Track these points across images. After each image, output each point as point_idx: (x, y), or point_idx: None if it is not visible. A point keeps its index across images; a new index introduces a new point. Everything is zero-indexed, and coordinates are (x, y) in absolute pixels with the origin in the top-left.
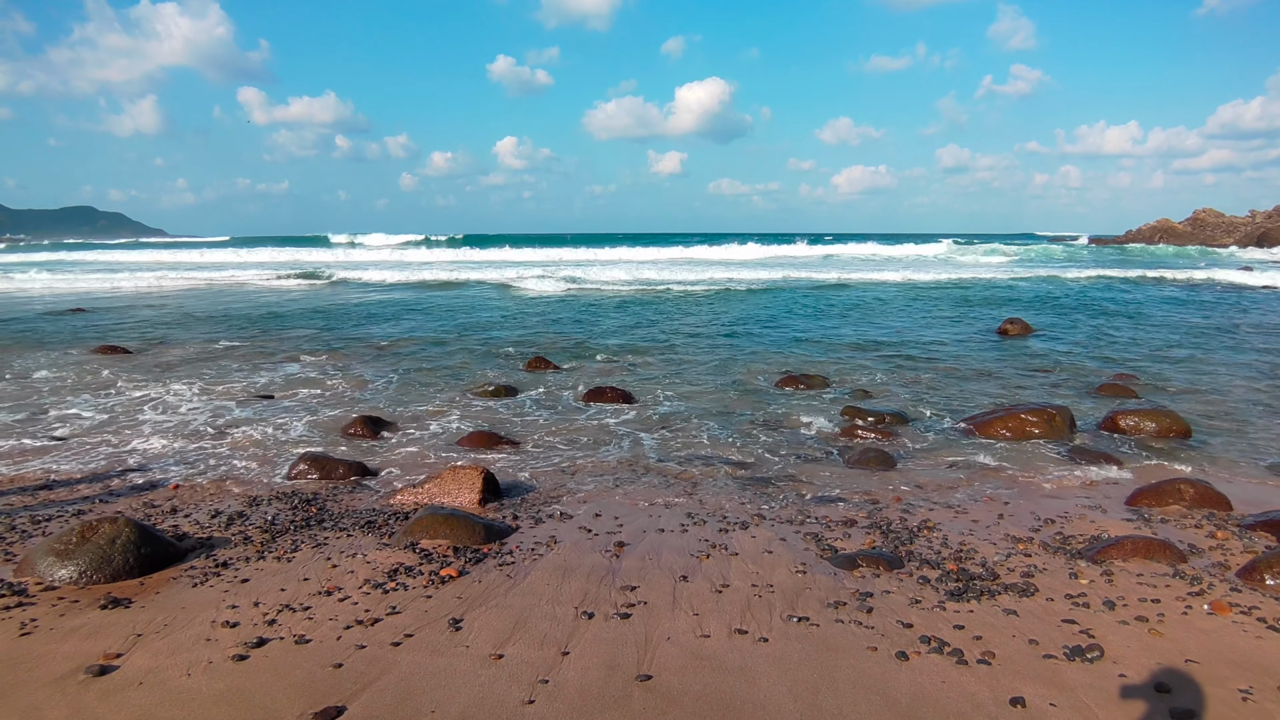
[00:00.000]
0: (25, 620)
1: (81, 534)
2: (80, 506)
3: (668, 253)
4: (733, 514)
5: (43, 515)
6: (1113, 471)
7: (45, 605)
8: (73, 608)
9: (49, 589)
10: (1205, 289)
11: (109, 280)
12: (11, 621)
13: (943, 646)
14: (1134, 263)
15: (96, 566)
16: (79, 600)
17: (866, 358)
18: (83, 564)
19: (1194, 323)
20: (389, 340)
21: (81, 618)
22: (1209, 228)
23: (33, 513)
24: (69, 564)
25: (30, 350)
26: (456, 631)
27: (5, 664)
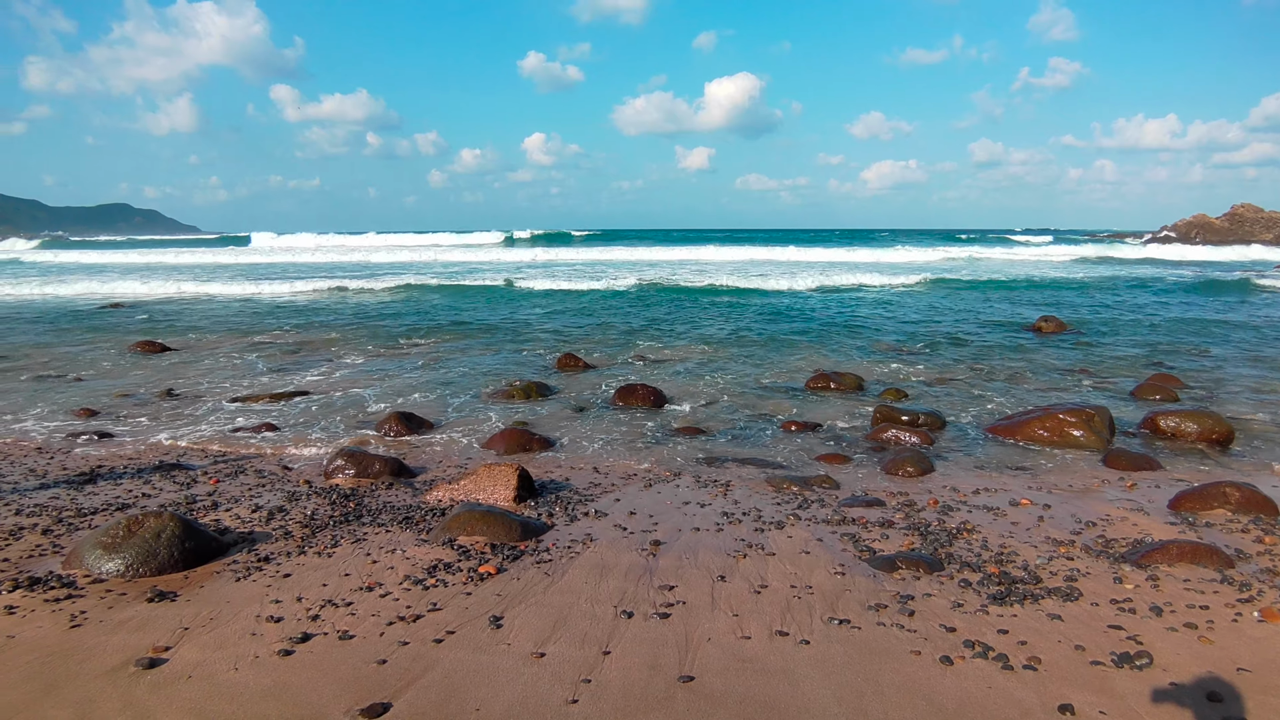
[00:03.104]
0: (75, 612)
1: (128, 528)
2: (124, 500)
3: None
4: (768, 514)
5: (88, 508)
6: (1154, 474)
7: (94, 598)
8: (120, 600)
9: (97, 581)
10: (1253, 292)
11: (192, 285)
12: (62, 613)
13: (987, 651)
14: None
15: (143, 560)
16: (126, 593)
17: (900, 357)
18: (129, 557)
19: (1235, 321)
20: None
21: (129, 610)
22: (1247, 223)
23: (79, 505)
24: (116, 557)
25: (79, 344)
26: (497, 629)
27: (58, 655)
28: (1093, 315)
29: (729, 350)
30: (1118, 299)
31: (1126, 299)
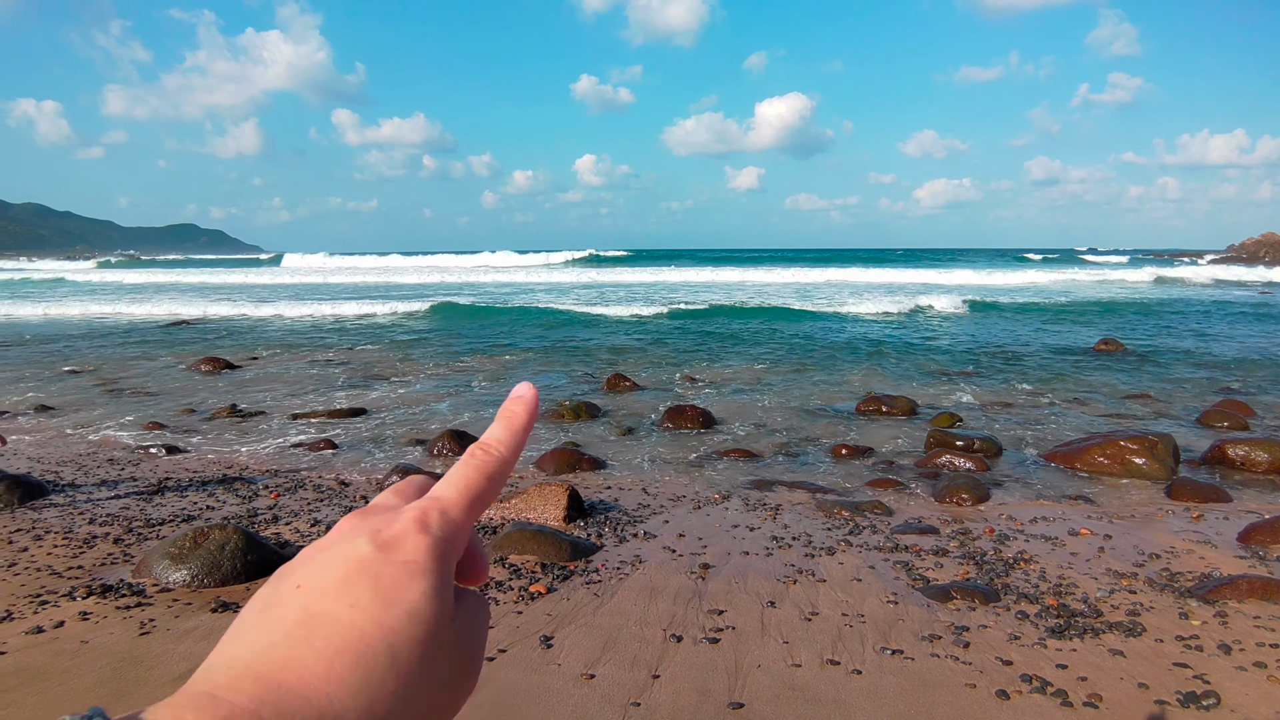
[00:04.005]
0: (144, 620)
1: (194, 539)
2: (190, 512)
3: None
4: (818, 539)
5: (156, 519)
6: (1222, 505)
7: (161, 606)
8: (186, 609)
9: (164, 590)
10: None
11: (251, 305)
12: (132, 620)
13: (1045, 686)
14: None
15: (208, 571)
16: (191, 602)
17: (954, 380)
18: (195, 568)
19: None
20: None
21: (194, 620)
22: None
23: (147, 516)
24: (183, 568)
25: (147, 360)
26: (548, 649)
27: (128, 662)
28: (1156, 337)
29: (779, 372)
30: (1183, 321)
31: (1192, 321)
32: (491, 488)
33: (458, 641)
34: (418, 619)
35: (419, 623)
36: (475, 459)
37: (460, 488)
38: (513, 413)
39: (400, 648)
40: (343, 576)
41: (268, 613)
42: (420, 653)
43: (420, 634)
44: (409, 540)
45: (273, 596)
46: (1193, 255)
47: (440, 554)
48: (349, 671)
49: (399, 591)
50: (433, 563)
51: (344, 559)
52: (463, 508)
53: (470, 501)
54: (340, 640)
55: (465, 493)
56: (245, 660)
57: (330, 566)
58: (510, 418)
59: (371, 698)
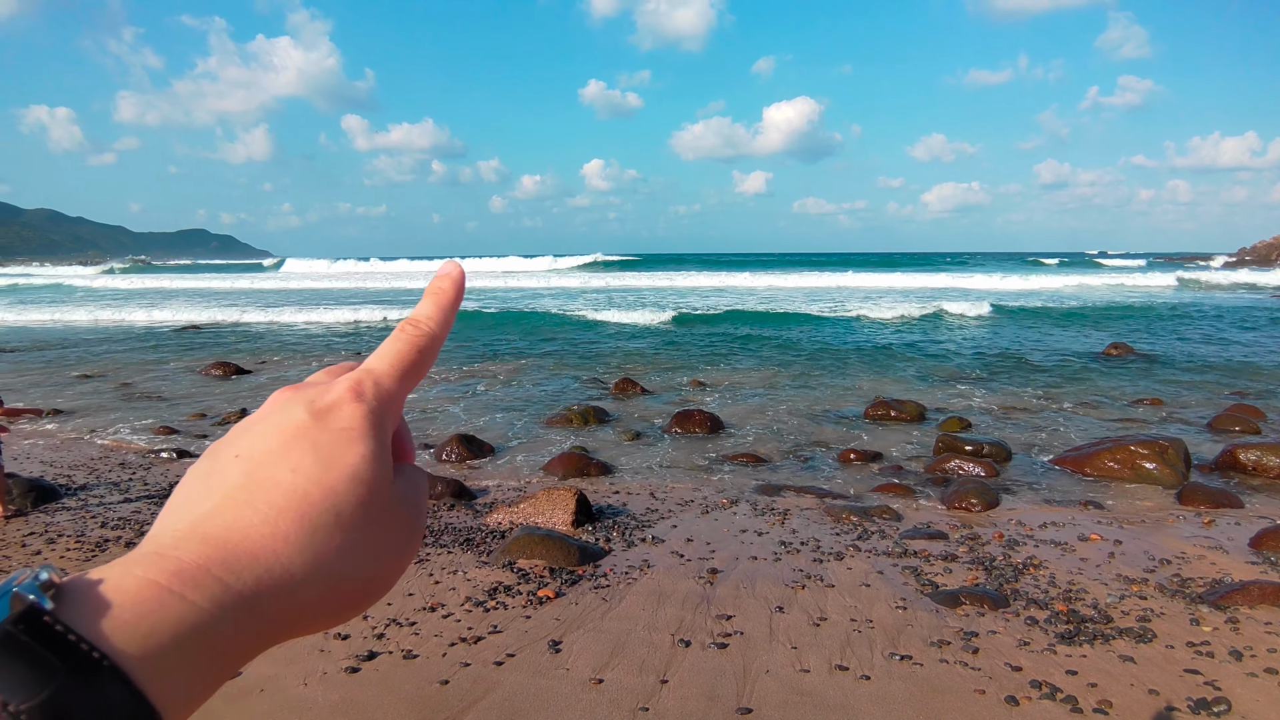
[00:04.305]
0: None
1: None
2: None
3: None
4: (827, 544)
5: None
6: (1233, 511)
7: None
8: None
9: None
10: None
11: (259, 311)
12: None
13: (1055, 693)
14: None
15: None
16: None
17: (963, 384)
18: None
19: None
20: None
21: None
22: None
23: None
24: None
25: (159, 365)
26: (556, 653)
27: None
28: (1167, 341)
29: (787, 377)
30: (1193, 325)
31: (1203, 324)
32: (423, 361)
33: (399, 504)
34: (359, 480)
35: (360, 483)
36: (405, 334)
37: (392, 360)
38: (441, 289)
39: (343, 507)
40: (281, 444)
41: (207, 480)
42: (363, 512)
43: (362, 494)
44: (345, 408)
45: (211, 467)
46: (1204, 258)
47: (376, 421)
48: (293, 529)
49: (338, 455)
50: (369, 429)
51: (280, 427)
52: (395, 378)
53: (402, 373)
54: (283, 500)
55: (397, 364)
56: (189, 522)
57: (267, 435)
58: (439, 294)
59: (317, 553)
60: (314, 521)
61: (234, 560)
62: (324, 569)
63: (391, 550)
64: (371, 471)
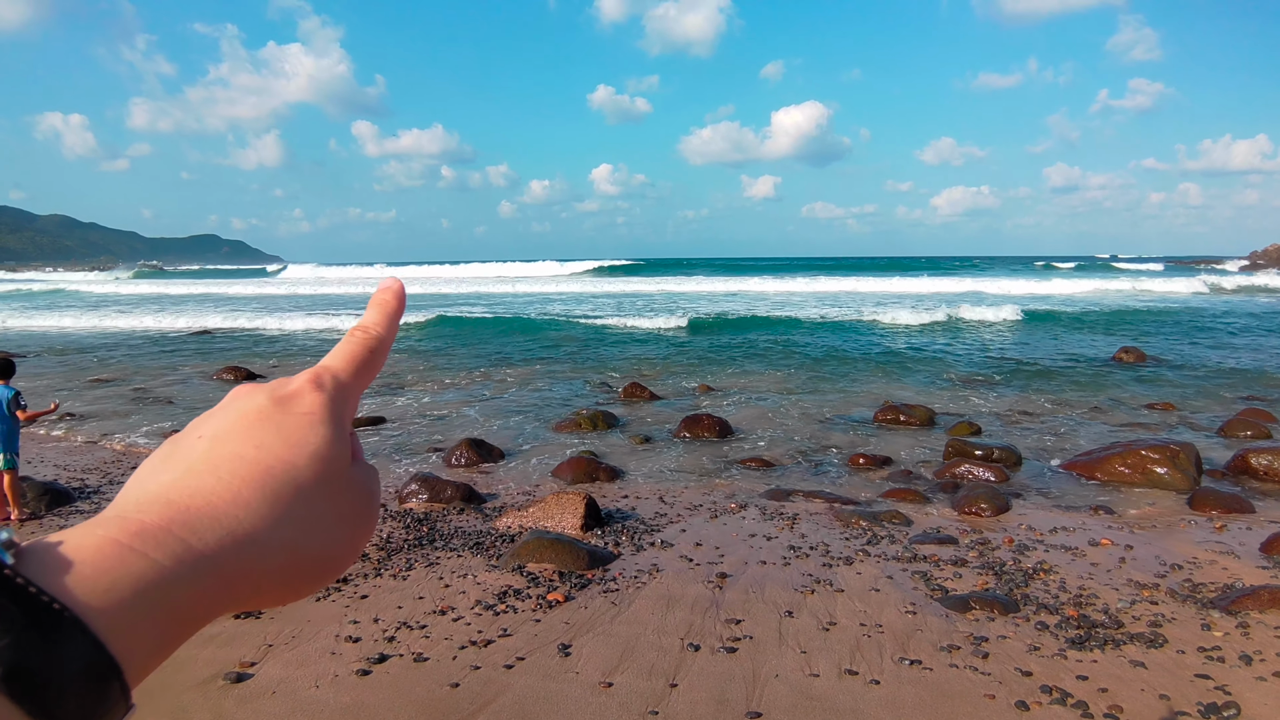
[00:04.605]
0: None
1: None
2: None
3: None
4: (836, 549)
5: None
6: (1245, 516)
7: None
8: None
9: None
10: None
11: (273, 318)
12: None
13: (1065, 698)
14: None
15: None
16: None
17: (972, 389)
18: None
19: None
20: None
21: (217, 626)
22: None
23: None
24: None
25: (172, 369)
26: (566, 657)
27: None
28: (1178, 345)
29: (795, 381)
30: (1204, 328)
31: (1214, 328)
32: (373, 360)
33: (355, 486)
34: (320, 458)
35: (321, 461)
36: (356, 337)
37: (347, 357)
38: (384, 300)
39: (303, 481)
40: (245, 425)
41: (171, 458)
42: (322, 489)
43: (323, 471)
44: (306, 395)
45: (175, 449)
46: (1218, 261)
47: (335, 408)
48: (255, 496)
49: (301, 435)
50: (329, 414)
51: (243, 411)
52: (350, 373)
53: (356, 369)
54: (246, 472)
55: (351, 361)
56: (153, 491)
57: (231, 418)
58: (383, 304)
59: (277, 521)
60: (275, 492)
61: (195, 522)
62: (284, 538)
63: (348, 528)
64: (331, 451)
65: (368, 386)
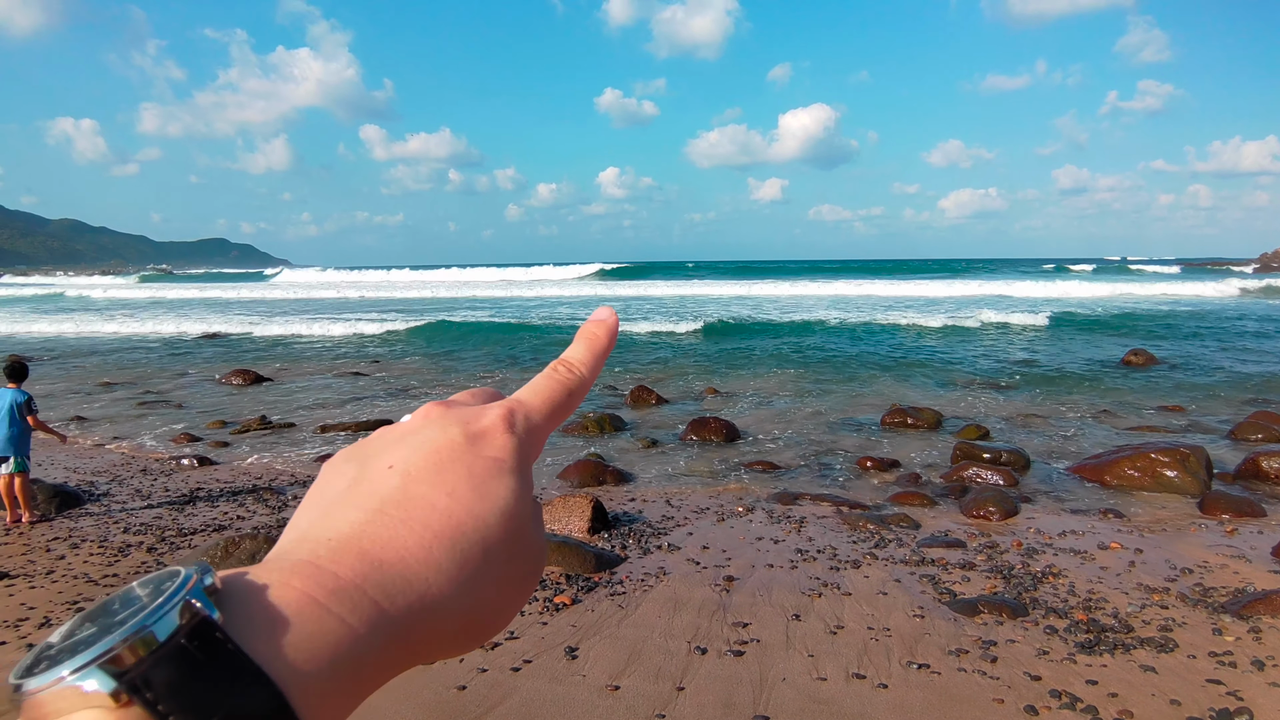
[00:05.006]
0: None
1: (225, 549)
2: (221, 521)
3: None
4: (843, 552)
5: (188, 528)
6: (1256, 520)
7: None
8: None
9: None
10: None
11: (280, 321)
12: None
13: (1075, 702)
14: None
15: None
16: None
17: (981, 392)
18: None
19: None
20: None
21: None
22: None
23: (179, 525)
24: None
25: (182, 373)
26: (573, 660)
27: None
28: (1187, 347)
29: (802, 385)
30: (1214, 331)
31: (1224, 331)
32: (571, 403)
33: (535, 545)
34: (508, 514)
35: (508, 518)
36: (558, 374)
37: (544, 397)
38: (594, 335)
39: (491, 541)
40: (437, 462)
41: (358, 488)
42: (507, 549)
43: (509, 529)
44: (497, 436)
45: (361, 474)
46: (1235, 264)
47: (524, 454)
48: (445, 557)
49: (490, 485)
50: (517, 462)
51: (436, 444)
52: (544, 415)
53: (551, 411)
54: (439, 526)
55: (548, 402)
56: (344, 534)
57: (423, 450)
58: (592, 339)
59: (462, 583)
60: (464, 552)
61: (389, 583)
62: (465, 599)
63: (522, 586)
64: (519, 507)
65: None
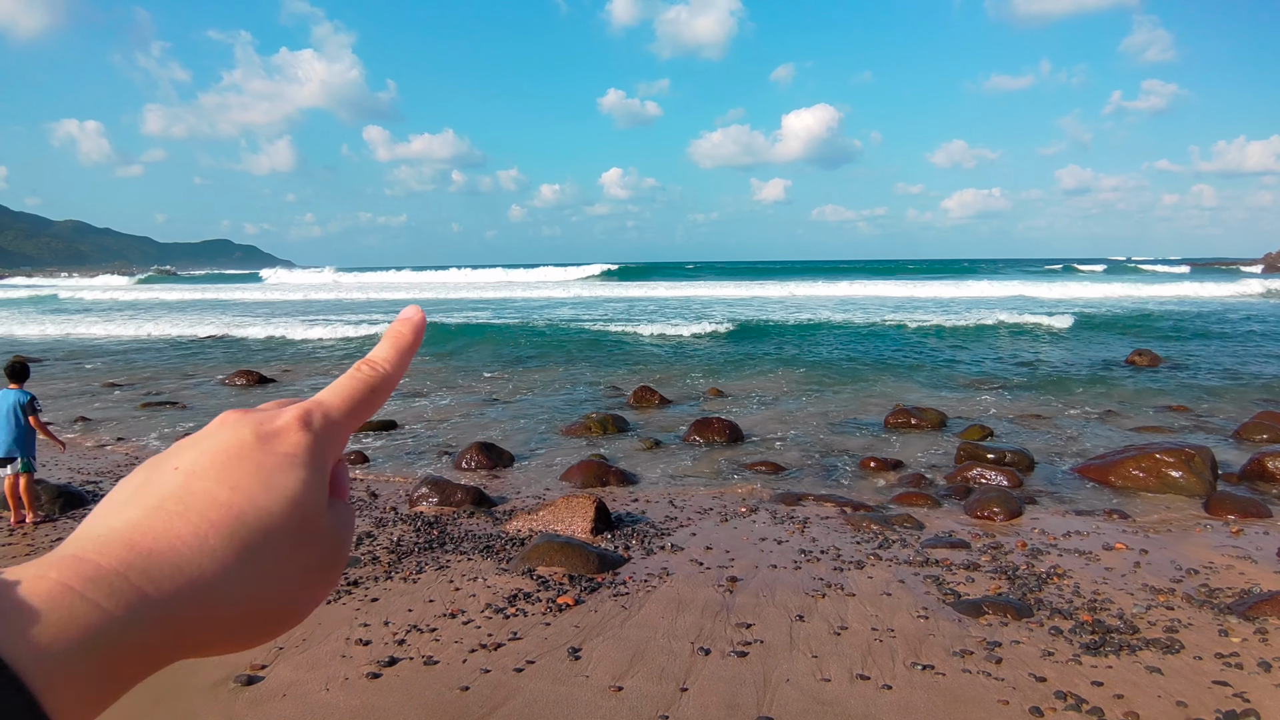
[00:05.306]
0: None
1: None
2: None
3: None
4: (847, 553)
5: None
6: (1262, 520)
7: None
8: None
9: None
10: None
11: (284, 322)
12: None
13: (1080, 704)
14: None
15: None
16: None
17: (985, 392)
18: None
19: None
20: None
21: None
22: None
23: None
24: None
25: (186, 373)
26: (576, 661)
27: (164, 670)
28: (1193, 347)
29: (805, 385)
30: (1221, 331)
31: (1231, 331)
32: (374, 399)
33: (328, 536)
34: (295, 504)
35: (295, 508)
36: (361, 373)
37: (344, 395)
38: (400, 333)
39: (275, 530)
40: (223, 461)
41: (143, 489)
42: (294, 538)
43: (296, 519)
44: (291, 434)
45: (148, 477)
46: (1244, 263)
47: (319, 450)
48: (221, 544)
49: (278, 478)
50: (312, 458)
51: (225, 445)
52: (344, 413)
53: (352, 408)
54: (217, 516)
55: (348, 400)
56: (116, 529)
57: (210, 452)
58: (397, 337)
59: (242, 572)
60: (244, 540)
61: (154, 569)
62: (246, 589)
63: (313, 579)
64: (308, 499)
65: (361, 425)
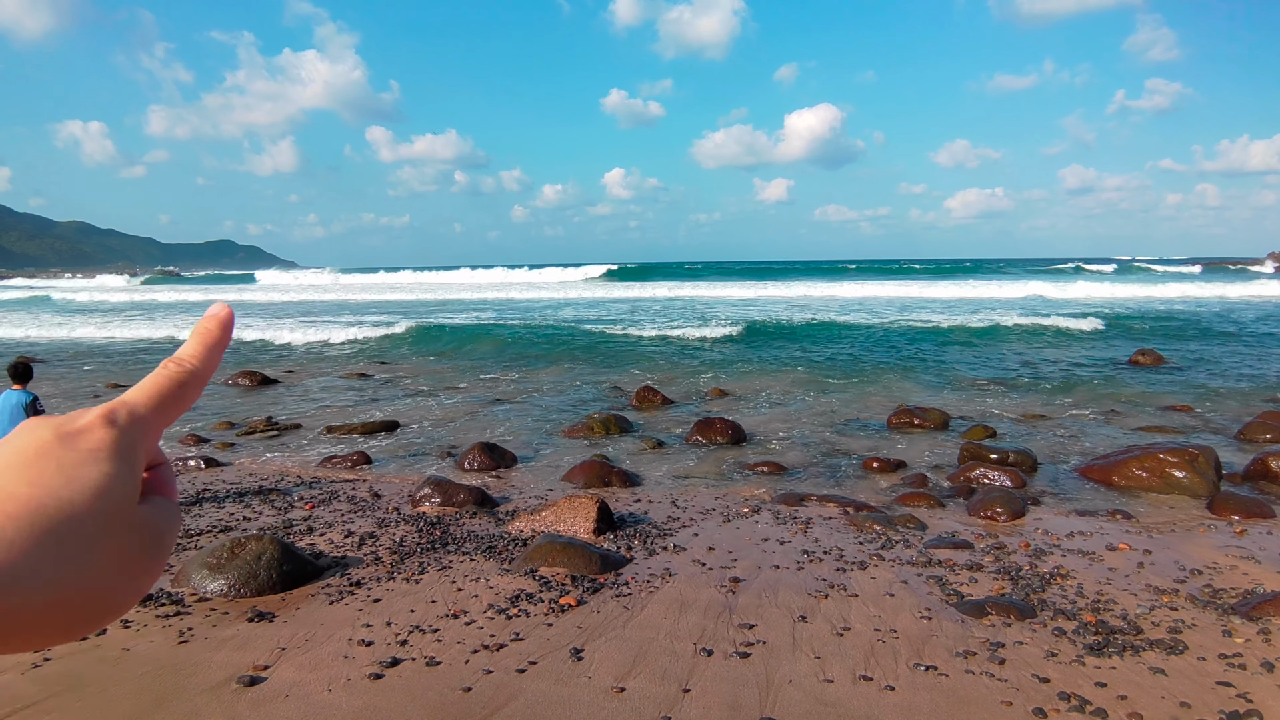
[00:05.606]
0: (183, 629)
1: (231, 550)
2: (227, 523)
3: None
4: (850, 553)
5: (194, 529)
6: (1265, 521)
7: (199, 615)
8: (223, 619)
9: (202, 599)
10: None
11: (288, 324)
12: (171, 629)
13: (1084, 705)
14: None
15: (244, 581)
16: (229, 612)
17: (988, 392)
18: (232, 578)
19: None
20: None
21: (231, 629)
22: None
23: (186, 526)
24: (220, 577)
25: None
26: (578, 661)
27: (168, 669)
28: (1196, 347)
29: (808, 386)
30: (1224, 330)
31: (1234, 331)
32: (183, 395)
33: (142, 527)
34: (100, 494)
35: (101, 498)
36: (168, 370)
37: (150, 392)
38: (206, 329)
39: (80, 519)
40: (21, 460)
41: None
42: (101, 528)
43: (102, 508)
44: (95, 432)
45: None
46: (1250, 263)
47: (126, 445)
48: (19, 536)
49: (81, 471)
50: (117, 451)
51: (23, 446)
52: (151, 409)
53: (159, 405)
54: (14, 509)
55: (155, 396)
56: None
57: (8, 455)
58: (205, 334)
59: (43, 562)
60: (44, 530)
61: None
62: (50, 579)
63: (127, 570)
64: (115, 489)
65: (173, 421)
